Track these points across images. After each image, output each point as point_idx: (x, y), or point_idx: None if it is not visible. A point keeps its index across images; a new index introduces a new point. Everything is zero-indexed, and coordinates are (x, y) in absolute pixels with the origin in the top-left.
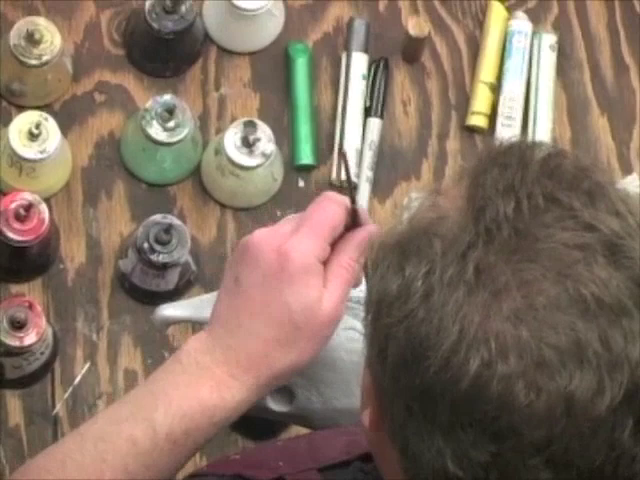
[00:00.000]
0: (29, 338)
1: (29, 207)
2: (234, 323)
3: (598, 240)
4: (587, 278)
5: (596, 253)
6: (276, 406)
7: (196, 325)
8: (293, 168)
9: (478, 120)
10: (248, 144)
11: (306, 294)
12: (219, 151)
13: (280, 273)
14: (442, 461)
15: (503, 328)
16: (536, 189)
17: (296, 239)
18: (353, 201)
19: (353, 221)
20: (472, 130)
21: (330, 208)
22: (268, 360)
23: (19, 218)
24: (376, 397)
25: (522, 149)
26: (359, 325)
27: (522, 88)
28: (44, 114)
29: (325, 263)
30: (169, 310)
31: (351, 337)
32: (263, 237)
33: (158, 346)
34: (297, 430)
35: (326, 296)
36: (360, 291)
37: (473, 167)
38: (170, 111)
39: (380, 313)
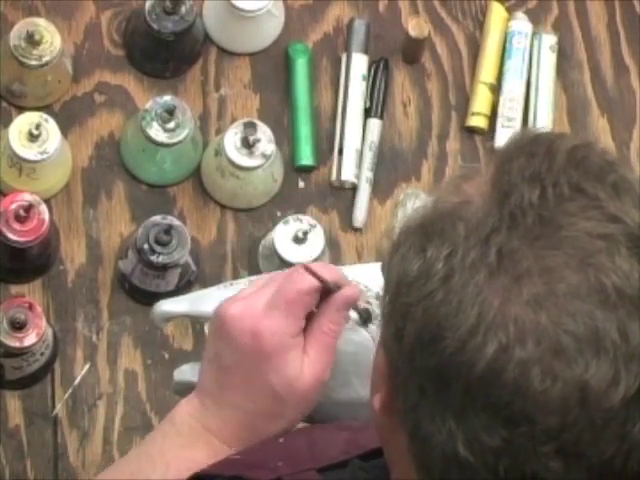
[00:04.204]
0: (29, 339)
1: (29, 208)
2: (220, 397)
3: (622, 232)
4: (609, 268)
5: (619, 244)
6: None
7: (195, 321)
8: (293, 169)
9: (478, 121)
10: (248, 145)
11: (285, 370)
12: (219, 152)
13: (257, 354)
14: (453, 445)
15: (522, 313)
16: (562, 178)
17: (269, 320)
18: (321, 281)
19: (329, 290)
20: (472, 131)
21: (303, 286)
22: (257, 431)
23: (19, 219)
24: (389, 378)
25: (550, 139)
26: (355, 315)
27: (522, 89)
28: (44, 115)
29: (306, 329)
30: (168, 305)
31: (347, 327)
32: (237, 315)
33: (158, 347)
34: None
35: (307, 363)
36: (359, 283)
37: (499, 155)
38: (170, 112)
39: (399, 293)
